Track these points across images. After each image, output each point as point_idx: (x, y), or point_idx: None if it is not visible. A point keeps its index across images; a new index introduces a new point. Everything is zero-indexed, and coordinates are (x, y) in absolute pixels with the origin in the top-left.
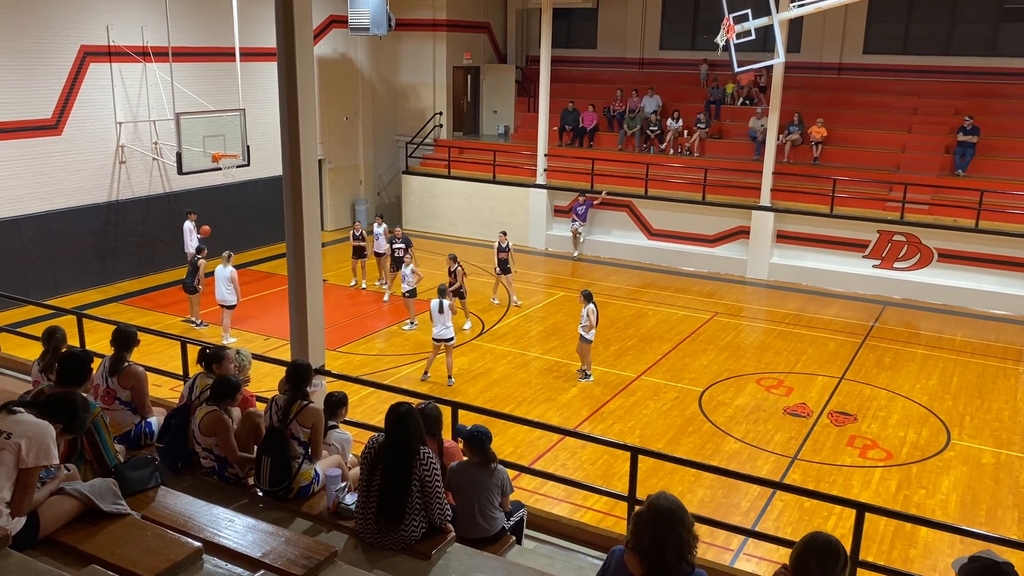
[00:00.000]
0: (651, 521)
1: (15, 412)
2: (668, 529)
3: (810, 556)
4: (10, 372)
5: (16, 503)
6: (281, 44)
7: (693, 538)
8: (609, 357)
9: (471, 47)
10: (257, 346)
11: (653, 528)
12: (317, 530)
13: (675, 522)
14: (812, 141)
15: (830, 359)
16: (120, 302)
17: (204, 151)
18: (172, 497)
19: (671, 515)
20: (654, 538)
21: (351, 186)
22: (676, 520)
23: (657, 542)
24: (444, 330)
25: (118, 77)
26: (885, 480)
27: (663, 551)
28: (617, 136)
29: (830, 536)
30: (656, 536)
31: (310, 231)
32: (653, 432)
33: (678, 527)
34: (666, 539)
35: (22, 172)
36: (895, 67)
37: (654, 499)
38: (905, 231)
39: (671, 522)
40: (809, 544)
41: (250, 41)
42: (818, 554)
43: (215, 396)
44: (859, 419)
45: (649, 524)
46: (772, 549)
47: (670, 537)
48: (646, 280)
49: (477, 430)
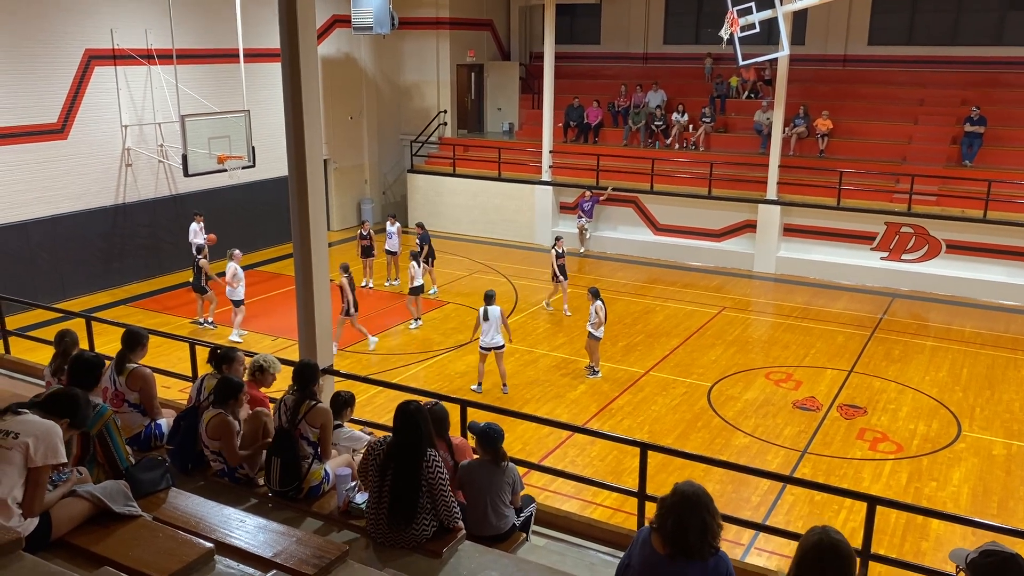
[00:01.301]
0: (675, 505)
1: (20, 413)
2: (691, 514)
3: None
4: (20, 376)
5: (27, 503)
6: (285, 45)
7: (717, 524)
8: (617, 353)
9: (474, 44)
10: (265, 346)
11: (676, 512)
12: (328, 529)
13: (699, 507)
14: (818, 134)
15: (839, 352)
16: (128, 304)
17: (210, 153)
18: (183, 498)
19: (695, 500)
20: (676, 521)
21: (357, 185)
22: (699, 506)
23: (680, 526)
24: (495, 338)
25: (123, 80)
26: (896, 473)
27: (686, 535)
28: (622, 132)
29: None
30: (679, 520)
31: (316, 231)
32: (662, 428)
33: (701, 512)
34: (689, 523)
35: (29, 177)
36: (900, 58)
37: (679, 485)
38: (913, 223)
39: (695, 507)
40: (816, 547)
41: (254, 42)
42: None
43: (219, 398)
44: (869, 412)
45: (673, 508)
46: (783, 543)
47: (693, 522)
48: (653, 275)
49: (490, 428)
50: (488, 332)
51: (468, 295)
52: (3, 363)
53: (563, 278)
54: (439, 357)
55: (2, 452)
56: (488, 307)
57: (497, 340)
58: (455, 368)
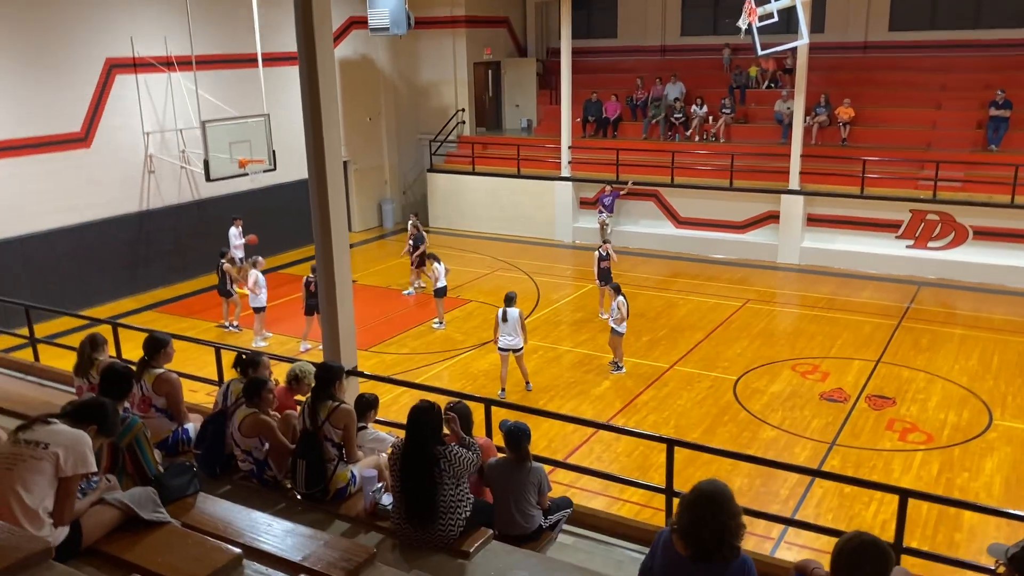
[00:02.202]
0: (692, 502)
1: (51, 423)
2: (707, 512)
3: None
4: (49, 383)
5: (58, 513)
6: (302, 48)
7: (736, 524)
8: (641, 348)
9: (491, 42)
10: (289, 348)
11: (693, 509)
12: (355, 531)
13: (714, 505)
14: (840, 122)
15: (866, 342)
16: (154, 310)
17: (231, 157)
18: (211, 503)
19: (711, 498)
20: (693, 519)
21: (377, 186)
22: (716, 504)
23: (695, 524)
24: (513, 340)
25: (144, 88)
26: (926, 463)
27: (701, 533)
28: (641, 125)
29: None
30: (695, 518)
31: (338, 233)
32: (688, 422)
33: (718, 511)
34: (705, 521)
35: (54, 186)
36: (923, 43)
37: (700, 483)
38: (938, 209)
39: (711, 505)
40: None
41: (271, 46)
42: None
43: (248, 397)
44: (897, 402)
45: (690, 505)
46: (813, 537)
47: (709, 520)
48: (675, 269)
49: (516, 427)
50: (506, 334)
51: (490, 293)
52: (32, 371)
53: (604, 283)
54: (462, 356)
55: (32, 463)
56: (507, 309)
57: (514, 342)
58: (478, 367)
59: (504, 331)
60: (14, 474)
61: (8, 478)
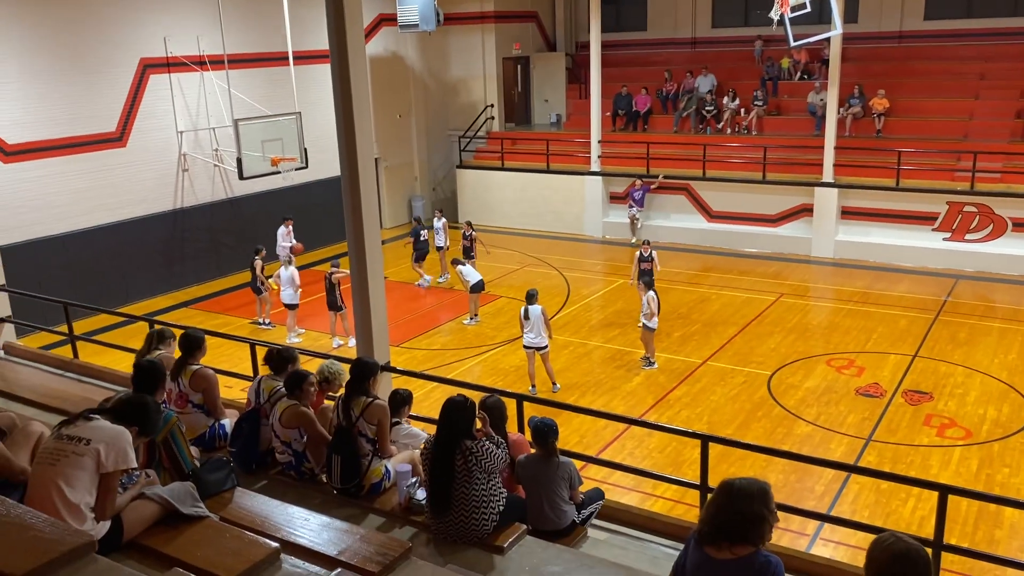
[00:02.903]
0: (714, 496)
1: (92, 419)
2: (727, 505)
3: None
4: (88, 379)
5: (99, 507)
6: (333, 46)
7: (757, 519)
8: (673, 343)
9: (520, 37)
10: (322, 345)
11: (714, 502)
12: (390, 526)
13: (736, 499)
14: (874, 113)
15: (902, 337)
16: (189, 307)
17: (263, 155)
18: (248, 498)
19: (731, 492)
20: (712, 513)
21: (407, 183)
22: (737, 498)
23: (714, 517)
24: (535, 338)
25: (177, 87)
26: (965, 459)
27: (719, 525)
28: (672, 118)
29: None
30: (714, 511)
31: (370, 229)
32: (721, 418)
33: (740, 505)
34: (724, 515)
35: (91, 185)
36: (959, 31)
37: (729, 478)
38: (976, 201)
39: (731, 498)
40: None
41: (303, 45)
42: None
43: (289, 389)
44: (935, 397)
45: (712, 499)
46: (849, 533)
47: (728, 514)
48: (708, 263)
49: (543, 423)
50: (528, 331)
51: (520, 289)
52: (71, 367)
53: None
54: (492, 352)
55: (75, 458)
56: (528, 306)
57: (537, 341)
58: (508, 363)
59: (526, 328)
60: (57, 469)
61: (51, 473)
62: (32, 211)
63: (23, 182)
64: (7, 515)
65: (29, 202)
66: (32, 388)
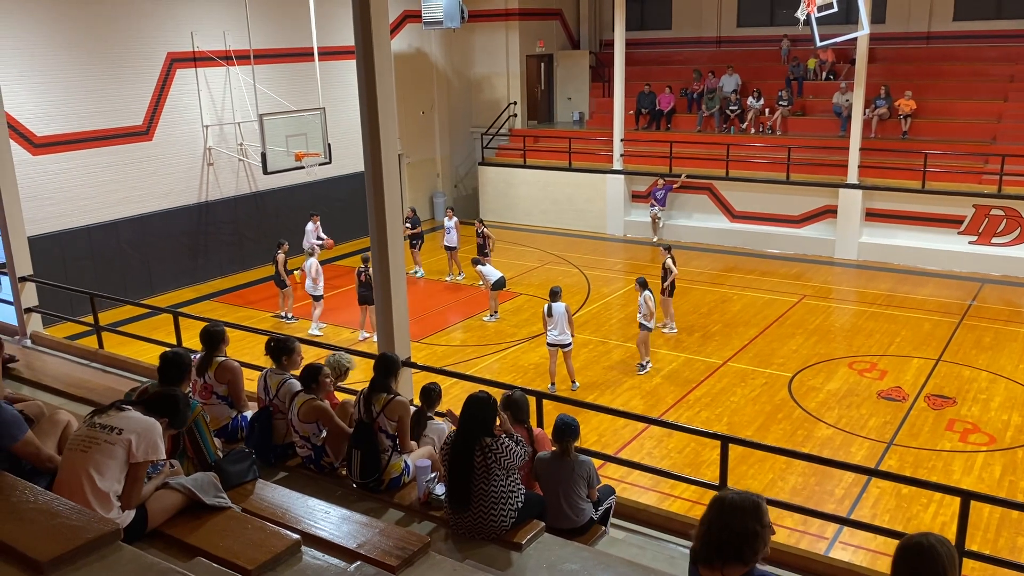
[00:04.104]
0: (705, 512)
1: (124, 409)
2: (717, 521)
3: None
4: (112, 369)
5: (126, 496)
6: (359, 42)
7: (750, 536)
8: (694, 343)
9: (544, 34)
10: (344, 339)
11: (705, 518)
12: (409, 520)
13: (726, 515)
14: (900, 115)
15: (925, 340)
16: (212, 299)
17: (287, 150)
18: (269, 490)
19: (722, 507)
20: (703, 531)
21: (429, 179)
22: (727, 513)
23: (705, 535)
24: (559, 335)
25: (203, 82)
26: (988, 465)
27: (709, 542)
28: (695, 118)
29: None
30: (705, 528)
31: (392, 225)
32: (742, 419)
33: (730, 521)
34: (714, 532)
35: (118, 177)
36: (989, 33)
37: (721, 493)
38: (1003, 204)
39: (721, 514)
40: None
41: (328, 40)
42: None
43: (304, 384)
44: (958, 402)
45: (703, 515)
46: (869, 537)
47: (718, 530)
48: (729, 264)
49: (561, 421)
50: (552, 328)
51: (540, 287)
52: (97, 357)
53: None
54: (512, 349)
55: (106, 447)
56: (552, 304)
57: (561, 338)
58: (528, 360)
59: (550, 325)
60: (88, 456)
61: (82, 460)
62: (59, 203)
63: (51, 174)
64: (35, 502)
65: (56, 194)
66: (58, 377)
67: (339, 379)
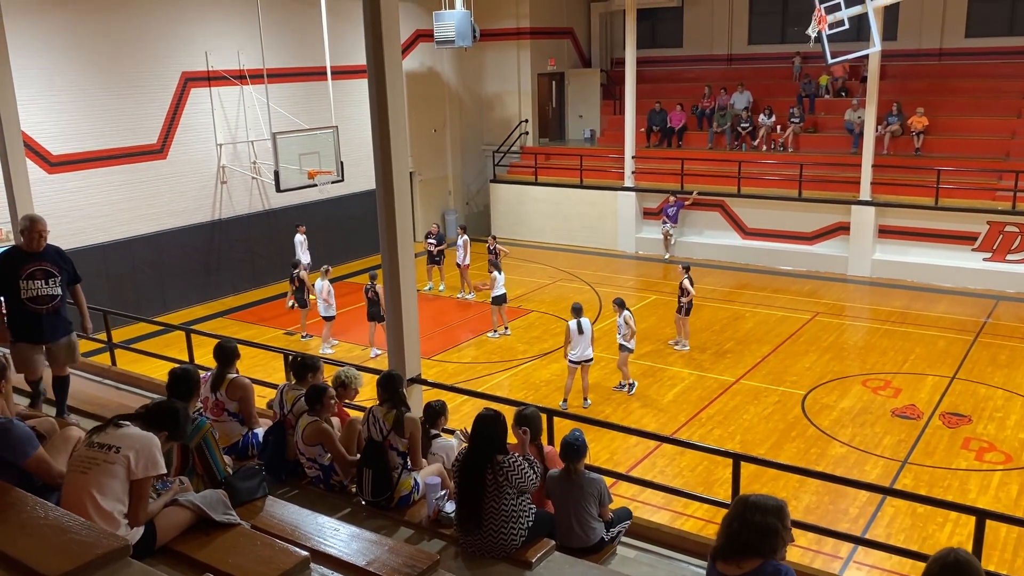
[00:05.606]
0: (729, 509)
1: (121, 426)
2: (740, 516)
3: None
4: (126, 387)
5: (132, 513)
6: (371, 61)
7: (769, 531)
8: (706, 361)
9: (555, 53)
10: (356, 356)
11: (728, 515)
12: (418, 538)
13: (749, 511)
14: (913, 131)
15: (940, 358)
16: (225, 316)
17: (300, 168)
18: (279, 507)
19: (746, 504)
20: (725, 525)
21: (440, 197)
22: (751, 509)
23: (727, 528)
24: (589, 351)
25: (217, 100)
26: (1005, 484)
27: (729, 536)
28: (706, 135)
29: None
30: (727, 523)
31: (404, 242)
32: (754, 437)
33: (752, 516)
34: (736, 525)
35: (132, 195)
36: (1001, 49)
37: (746, 493)
38: (1018, 221)
39: (744, 509)
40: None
41: (341, 60)
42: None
43: (309, 405)
44: (974, 420)
45: (727, 513)
46: (884, 557)
47: (740, 524)
48: (742, 281)
49: (568, 439)
50: (581, 345)
51: (552, 303)
52: (110, 374)
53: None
54: (524, 365)
55: (105, 466)
56: (580, 320)
57: (589, 353)
58: (540, 376)
59: (581, 343)
60: (89, 477)
61: (83, 481)
62: (74, 220)
63: (66, 192)
64: (45, 518)
65: (71, 211)
66: (71, 394)
67: (347, 394)
